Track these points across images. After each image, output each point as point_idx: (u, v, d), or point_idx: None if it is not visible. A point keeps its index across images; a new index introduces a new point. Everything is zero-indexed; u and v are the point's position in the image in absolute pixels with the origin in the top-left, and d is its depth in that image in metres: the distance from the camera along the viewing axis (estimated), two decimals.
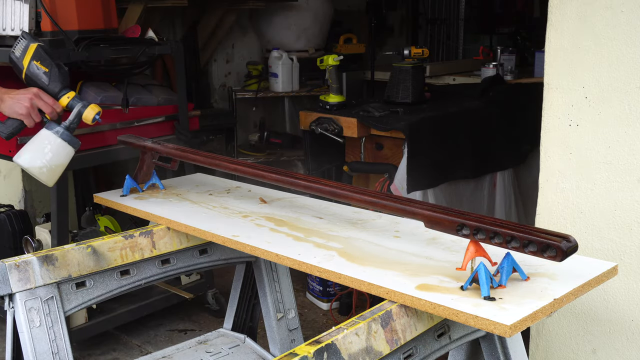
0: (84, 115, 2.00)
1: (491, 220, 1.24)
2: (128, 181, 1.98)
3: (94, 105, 2.01)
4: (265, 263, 2.02)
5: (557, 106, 1.68)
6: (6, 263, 1.52)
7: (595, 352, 1.72)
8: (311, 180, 1.60)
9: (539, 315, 1.17)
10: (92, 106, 2.00)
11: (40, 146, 1.99)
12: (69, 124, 2.00)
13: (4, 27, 2.84)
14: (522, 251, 1.19)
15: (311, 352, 1.08)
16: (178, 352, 1.98)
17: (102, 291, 1.68)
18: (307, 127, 3.20)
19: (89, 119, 2.00)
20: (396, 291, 1.26)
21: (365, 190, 1.49)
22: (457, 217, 1.28)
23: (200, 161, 1.85)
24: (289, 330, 2.07)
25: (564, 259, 1.16)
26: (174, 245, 1.81)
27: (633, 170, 1.58)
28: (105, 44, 2.80)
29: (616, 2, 1.54)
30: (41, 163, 1.98)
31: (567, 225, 1.71)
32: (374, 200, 1.44)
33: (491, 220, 1.24)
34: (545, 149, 1.73)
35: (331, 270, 1.39)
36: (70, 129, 2.01)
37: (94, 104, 2.02)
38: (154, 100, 3.18)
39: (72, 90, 2.02)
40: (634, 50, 1.53)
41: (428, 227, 1.33)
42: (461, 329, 1.36)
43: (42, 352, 1.54)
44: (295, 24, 4.52)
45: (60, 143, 1.99)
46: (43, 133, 1.99)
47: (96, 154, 2.91)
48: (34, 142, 2.00)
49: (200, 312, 3.46)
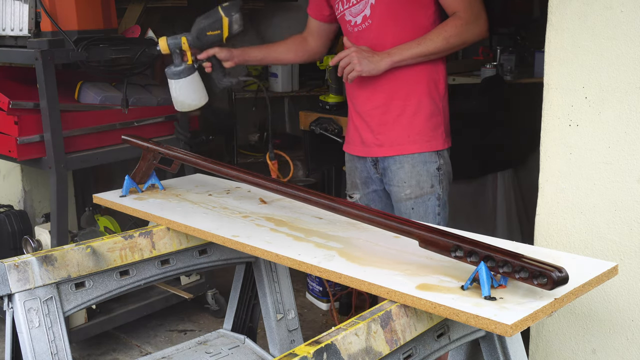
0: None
1: (486, 245, 1.25)
2: (127, 182, 1.98)
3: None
4: (265, 263, 2.02)
5: (557, 106, 1.68)
6: (5, 263, 1.52)
7: (595, 352, 1.72)
8: (310, 192, 1.61)
9: (539, 315, 1.17)
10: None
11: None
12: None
13: (4, 27, 2.84)
14: (513, 277, 1.20)
15: (311, 353, 1.08)
16: (178, 352, 1.98)
17: (101, 291, 1.68)
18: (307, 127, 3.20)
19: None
20: (396, 291, 1.26)
21: (364, 207, 1.51)
22: (452, 240, 1.30)
23: (205, 167, 1.86)
24: (289, 331, 2.07)
25: (553, 289, 1.17)
26: (173, 246, 1.80)
27: (633, 170, 1.58)
28: (105, 44, 2.80)
29: (616, 2, 1.54)
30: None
31: (567, 225, 1.71)
32: (372, 217, 1.46)
33: (486, 245, 1.25)
34: (545, 149, 1.73)
35: (331, 270, 1.39)
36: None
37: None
38: (154, 100, 3.18)
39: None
40: (634, 50, 1.53)
41: (422, 247, 1.35)
42: (461, 329, 1.36)
43: (42, 352, 1.54)
44: (295, 24, 4.51)
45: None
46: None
47: (96, 154, 2.91)
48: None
49: (200, 313, 3.46)
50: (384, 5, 2.07)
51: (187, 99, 2.29)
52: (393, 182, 2.18)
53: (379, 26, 2.10)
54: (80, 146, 2.87)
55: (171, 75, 2.26)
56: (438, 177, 2.17)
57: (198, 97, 2.30)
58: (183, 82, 2.25)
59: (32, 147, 2.73)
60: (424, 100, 2.13)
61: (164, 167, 2.01)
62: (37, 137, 2.72)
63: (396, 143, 2.15)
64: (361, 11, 2.12)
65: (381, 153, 2.19)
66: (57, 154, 2.70)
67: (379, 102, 2.15)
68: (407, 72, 2.09)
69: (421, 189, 2.15)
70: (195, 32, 2.21)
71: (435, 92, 2.15)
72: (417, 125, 2.13)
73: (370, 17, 2.10)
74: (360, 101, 2.21)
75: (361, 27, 2.14)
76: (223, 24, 2.19)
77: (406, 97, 2.12)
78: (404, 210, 2.18)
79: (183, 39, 2.21)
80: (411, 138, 2.14)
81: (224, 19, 2.18)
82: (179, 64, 2.23)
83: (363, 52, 2.02)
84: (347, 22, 2.19)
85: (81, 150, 2.88)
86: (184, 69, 2.24)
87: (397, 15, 2.07)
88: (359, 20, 2.14)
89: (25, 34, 2.75)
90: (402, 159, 2.15)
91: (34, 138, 2.72)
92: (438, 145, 2.16)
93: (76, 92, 3.00)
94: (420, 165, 2.14)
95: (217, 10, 2.20)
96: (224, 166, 1.82)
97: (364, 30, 2.13)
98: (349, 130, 2.33)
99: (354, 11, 2.14)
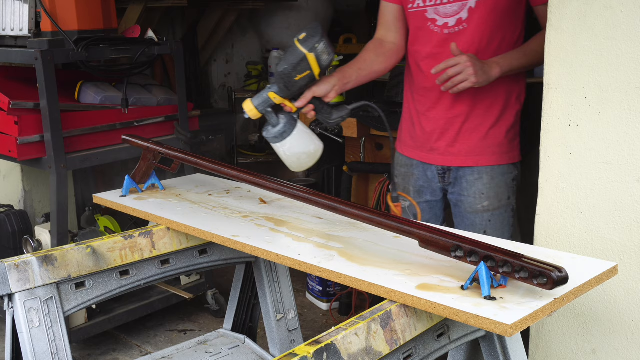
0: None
1: (486, 245, 1.25)
2: (127, 181, 1.98)
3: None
4: (265, 263, 2.02)
5: (557, 106, 1.68)
6: (6, 263, 1.52)
7: (595, 352, 1.72)
8: (310, 192, 1.61)
9: (539, 315, 1.17)
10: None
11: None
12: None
13: (4, 27, 2.84)
14: (513, 277, 1.20)
15: (311, 353, 1.08)
16: (178, 352, 1.98)
17: (101, 291, 1.68)
18: None
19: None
20: (397, 291, 1.26)
21: (364, 207, 1.50)
22: (452, 240, 1.30)
23: (205, 167, 1.86)
24: (289, 331, 2.07)
25: (553, 288, 1.17)
26: (173, 246, 1.80)
27: (633, 170, 1.58)
28: (105, 44, 2.80)
29: (616, 2, 1.54)
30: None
31: (567, 225, 1.71)
32: (372, 217, 1.46)
33: (486, 245, 1.25)
34: (545, 149, 1.73)
35: (331, 270, 1.39)
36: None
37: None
38: (154, 100, 3.18)
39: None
40: (634, 50, 1.53)
41: (422, 247, 1.35)
42: (461, 329, 1.36)
43: (42, 352, 1.54)
44: (295, 24, 4.52)
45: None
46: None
47: (96, 154, 2.91)
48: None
49: (200, 313, 3.46)
50: (484, 11, 1.96)
51: (303, 154, 1.91)
52: (468, 193, 2.11)
53: (474, 32, 1.98)
54: (80, 146, 2.87)
55: (274, 139, 1.88)
56: (513, 189, 2.14)
57: (314, 145, 1.92)
58: (291, 140, 1.87)
59: (32, 147, 2.73)
60: (506, 112, 2.07)
61: (164, 167, 2.01)
62: (37, 137, 2.73)
63: (474, 153, 2.08)
64: (456, 13, 1.99)
65: (457, 162, 2.11)
66: (57, 154, 2.71)
67: (461, 111, 2.07)
68: (494, 83, 1.96)
69: (499, 201, 2.11)
70: (282, 81, 1.81)
71: (516, 103, 2.10)
72: (497, 136, 2.08)
73: (466, 20, 1.98)
74: (440, 108, 2.10)
75: (453, 30, 2.00)
76: (310, 63, 1.78)
77: (489, 107, 2.06)
78: (478, 222, 2.12)
79: (271, 95, 1.84)
80: (491, 149, 2.08)
81: (309, 55, 1.76)
82: (276, 122, 1.85)
83: (476, 62, 1.87)
84: (428, 20, 2.04)
85: (81, 150, 2.88)
86: (285, 125, 1.86)
87: (495, 24, 1.98)
88: (452, 23, 2.00)
89: (25, 34, 2.75)
90: (481, 170, 2.09)
91: (34, 138, 2.72)
92: (515, 157, 2.13)
93: (76, 92, 3.00)
94: (499, 177, 2.10)
95: (296, 47, 1.78)
96: (224, 166, 1.82)
97: (456, 34, 2.00)
98: (415, 135, 2.20)
99: (445, 11, 2.01)
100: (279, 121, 1.86)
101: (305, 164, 1.94)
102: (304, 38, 1.78)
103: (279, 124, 1.86)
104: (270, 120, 1.87)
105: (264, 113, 1.86)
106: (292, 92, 1.83)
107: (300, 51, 1.77)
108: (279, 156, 1.93)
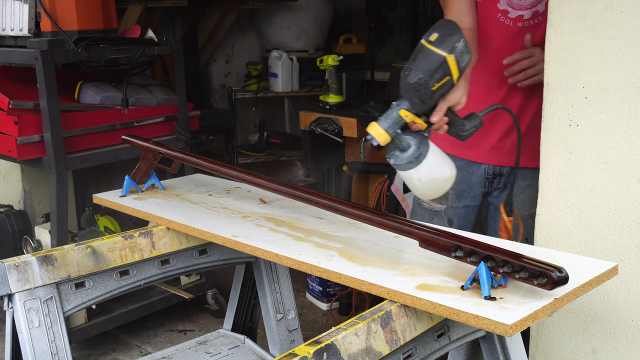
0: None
1: (486, 245, 1.25)
2: (127, 182, 1.98)
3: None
4: (265, 263, 2.02)
5: (557, 106, 1.68)
6: (5, 263, 1.52)
7: (595, 352, 1.72)
8: (310, 192, 1.61)
9: (539, 315, 1.17)
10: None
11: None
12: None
13: (4, 27, 2.84)
14: (513, 277, 1.20)
15: (311, 353, 1.08)
16: (178, 352, 1.98)
17: (101, 291, 1.68)
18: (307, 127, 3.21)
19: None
20: (397, 291, 1.26)
21: (364, 207, 1.50)
22: (452, 240, 1.30)
23: (205, 167, 1.86)
24: (289, 331, 2.07)
25: (553, 289, 1.17)
26: (173, 246, 1.80)
27: (633, 170, 1.57)
28: (105, 44, 2.80)
29: (616, 2, 1.53)
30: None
31: (567, 225, 1.70)
32: (372, 217, 1.46)
33: (486, 245, 1.25)
34: (545, 149, 1.72)
35: (331, 270, 1.39)
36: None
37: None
38: (154, 101, 3.18)
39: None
40: (634, 50, 1.53)
41: (422, 247, 1.35)
42: (461, 329, 1.36)
43: (41, 352, 1.54)
44: (295, 24, 4.52)
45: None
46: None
47: (96, 154, 2.91)
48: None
49: (200, 313, 3.46)
50: None
51: (441, 178, 1.63)
52: (516, 199, 1.98)
53: None
54: (80, 146, 2.87)
55: (409, 165, 1.57)
56: None
57: (449, 165, 1.65)
58: (427, 162, 1.58)
59: (32, 147, 2.73)
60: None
61: (164, 167, 2.01)
62: (37, 137, 2.73)
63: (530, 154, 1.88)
64: (532, 5, 1.87)
65: (523, 163, 1.94)
66: (57, 154, 2.70)
67: (534, 108, 1.94)
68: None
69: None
70: (416, 94, 1.50)
71: None
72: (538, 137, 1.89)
73: (543, 13, 1.85)
74: (512, 104, 1.93)
75: (528, 23, 1.89)
76: (450, 67, 1.48)
77: (538, 107, 1.85)
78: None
79: (403, 113, 1.52)
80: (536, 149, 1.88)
81: (449, 58, 1.47)
82: (407, 145, 1.56)
83: None
84: (498, 12, 1.92)
85: (81, 150, 2.88)
86: (418, 146, 1.56)
87: None
88: (527, 15, 1.89)
89: (25, 34, 2.75)
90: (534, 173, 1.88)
91: (33, 138, 2.72)
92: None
93: (76, 92, 3.00)
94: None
95: (430, 50, 1.48)
96: (224, 166, 1.82)
97: (530, 27, 1.89)
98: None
99: (520, 3, 1.89)
100: (410, 143, 1.56)
101: (442, 189, 1.66)
102: (438, 38, 1.48)
103: (410, 146, 1.56)
104: (400, 143, 1.56)
105: (393, 136, 1.54)
106: (427, 105, 1.53)
107: (437, 54, 1.47)
108: (409, 185, 1.65)
